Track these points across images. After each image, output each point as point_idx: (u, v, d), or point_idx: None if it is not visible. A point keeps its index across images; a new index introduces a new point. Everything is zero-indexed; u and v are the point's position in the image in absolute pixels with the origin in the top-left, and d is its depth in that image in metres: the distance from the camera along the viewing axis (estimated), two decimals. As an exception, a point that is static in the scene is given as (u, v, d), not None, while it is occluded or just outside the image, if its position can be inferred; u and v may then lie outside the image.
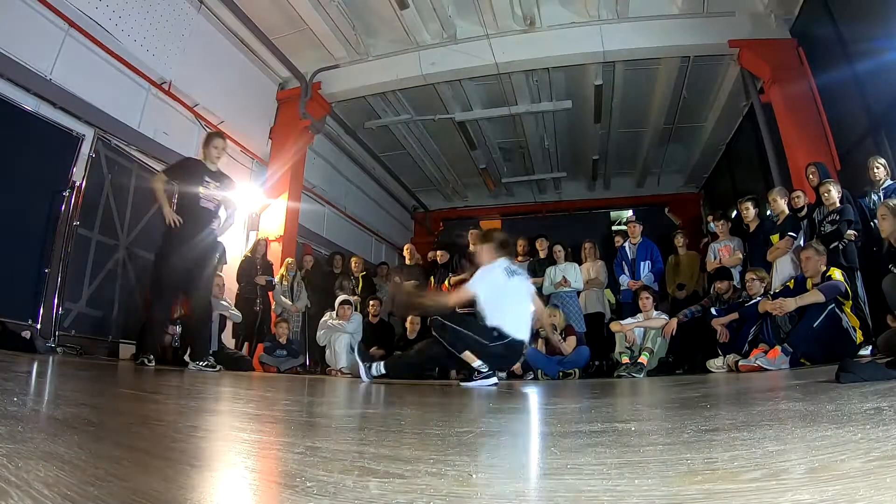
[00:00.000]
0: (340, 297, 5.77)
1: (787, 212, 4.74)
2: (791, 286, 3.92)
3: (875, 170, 4.28)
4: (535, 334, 5.18)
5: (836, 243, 4.16)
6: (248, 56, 7.04)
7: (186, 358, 4.91)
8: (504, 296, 3.23)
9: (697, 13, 6.47)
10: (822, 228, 4.35)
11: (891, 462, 0.55)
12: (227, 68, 6.69)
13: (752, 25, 6.40)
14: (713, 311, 4.52)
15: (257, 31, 6.44)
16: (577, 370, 4.81)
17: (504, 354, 3.21)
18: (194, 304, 4.01)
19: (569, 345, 4.88)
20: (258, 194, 7.14)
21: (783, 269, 4.52)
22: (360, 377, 3.40)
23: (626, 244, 6.02)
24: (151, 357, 3.74)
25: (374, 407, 1.72)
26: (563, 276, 5.79)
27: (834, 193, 4.34)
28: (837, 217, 4.24)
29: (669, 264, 6.04)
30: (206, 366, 3.89)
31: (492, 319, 3.17)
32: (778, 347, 3.60)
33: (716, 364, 4.23)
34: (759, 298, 4.13)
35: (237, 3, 6.00)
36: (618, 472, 0.58)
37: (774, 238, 4.69)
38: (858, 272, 4.07)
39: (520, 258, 6.24)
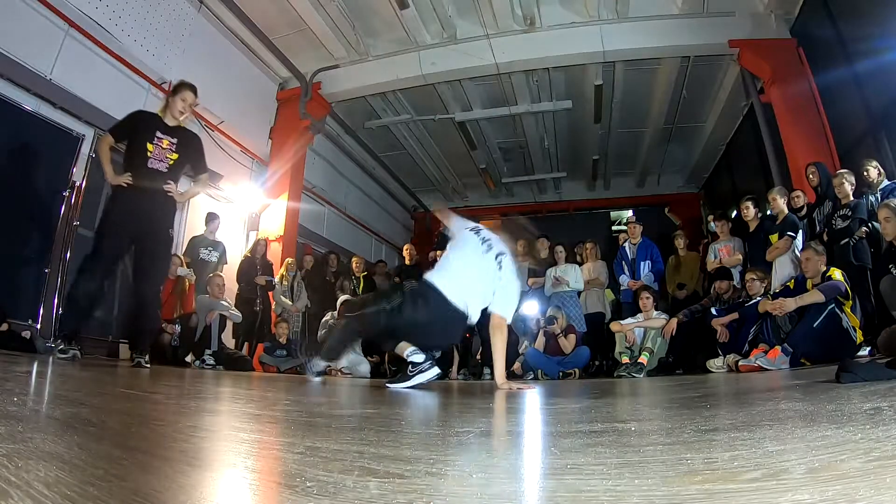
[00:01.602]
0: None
1: (786, 211, 4.73)
2: (791, 286, 3.92)
3: (866, 173, 4.27)
4: (535, 334, 5.20)
5: (846, 240, 4.12)
6: (248, 56, 7.04)
7: (188, 356, 4.88)
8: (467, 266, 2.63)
9: (697, 13, 6.47)
10: (834, 223, 4.26)
11: (891, 462, 0.55)
12: (227, 68, 6.69)
13: (752, 25, 6.40)
14: (713, 311, 4.52)
15: (257, 31, 6.44)
16: (577, 370, 4.82)
17: (433, 322, 2.54)
18: (139, 285, 3.33)
19: (569, 343, 4.90)
20: (258, 194, 7.15)
21: (783, 269, 4.51)
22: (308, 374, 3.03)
23: (626, 244, 6.03)
24: (148, 358, 3.34)
25: (374, 407, 1.72)
26: (561, 276, 5.79)
27: (847, 186, 4.26)
28: (850, 213, 4.16)
29: (669, 264, 6.04)
30: (147, 362, 3.22)
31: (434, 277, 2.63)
32: (778, 347, 3.60)
33: (716, 364, 4.23)
34: (759, 298, 4.13)
35: (237, 3, 6.01)
36: (618, 472, 0.58)
37: (774, 238, 4.68)
38: (869, 272, 3.97)
39: (520, 259, 6.22)
